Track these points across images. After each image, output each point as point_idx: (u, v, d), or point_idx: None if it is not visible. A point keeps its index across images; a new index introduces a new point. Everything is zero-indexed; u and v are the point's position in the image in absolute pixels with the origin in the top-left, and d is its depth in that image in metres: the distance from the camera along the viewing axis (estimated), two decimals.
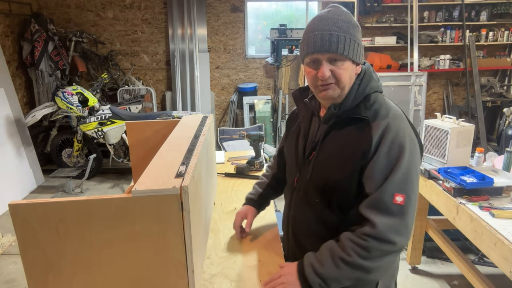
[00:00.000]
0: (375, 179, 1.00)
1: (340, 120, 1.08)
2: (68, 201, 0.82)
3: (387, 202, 0.97)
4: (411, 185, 0.99)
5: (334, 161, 1.07)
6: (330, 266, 1.00)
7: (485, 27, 4.96)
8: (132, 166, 1.67)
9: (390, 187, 0.98)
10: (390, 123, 1.02)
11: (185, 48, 4.97)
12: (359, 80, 1.08)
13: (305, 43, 1.05)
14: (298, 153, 1.20)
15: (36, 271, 0.85)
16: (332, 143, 1.09)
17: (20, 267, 2.68)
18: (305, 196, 1.16)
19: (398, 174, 0.98)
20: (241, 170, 2.00)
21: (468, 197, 1.98)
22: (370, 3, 4.79)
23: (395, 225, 0.97)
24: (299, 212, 1.20)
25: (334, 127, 1.09)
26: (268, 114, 4.98)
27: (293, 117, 1.32)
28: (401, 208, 0.97)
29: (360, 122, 1.04)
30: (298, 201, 1.19)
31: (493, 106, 4.96)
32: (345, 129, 1.07)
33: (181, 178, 0.89)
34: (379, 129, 1.01)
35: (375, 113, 1.04)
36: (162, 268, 0.88)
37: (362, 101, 1.07)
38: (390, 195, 0.97)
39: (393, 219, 0.97)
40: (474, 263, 2.58)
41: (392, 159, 0.99)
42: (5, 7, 4.31)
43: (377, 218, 0.97)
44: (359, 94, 1.07)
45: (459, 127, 2.19)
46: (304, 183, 1.16)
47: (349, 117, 1.06)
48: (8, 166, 3.78)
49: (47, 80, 4.64)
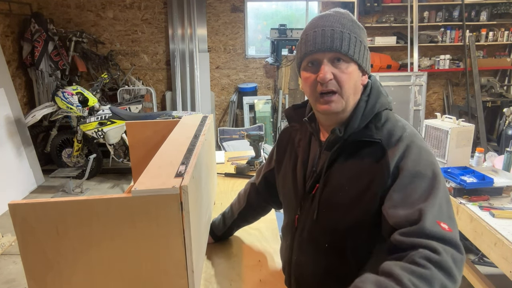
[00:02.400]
0: (406, 205, 0.79)
1: (347, 145, 0.89)
2: (68, 201, 0.82)
3: (437, 229, 0.74)
4: (452, 213, 0.81)
5: (345, 196, 0.88)
6: None
7: (485, 27, 4.96)
8: (132, 166, 1.67)
9: (431, 213, 0.75)
10: (409, 143, 0.85)
11: (185, 48, 4.97)
12: (366, 96, 0.91)
13: (302, 43, 0.89)
14: (298, 186, 1.00)
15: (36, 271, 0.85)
16: (340, 174, 0.90)
17: (20, 267, 2.68)
18: (311, 239, 0.97)
19: (437, 198, 0.78)
20: (241, 170, 2.00)
21: (468, 197, 1.98)
22: (370, 3, 4.80)
23: (454, 255, 0.72)
24: (303, 259, 1.00)
25: (341, 154, 0.91)
26: (268, 114, 4.98)
27: (286, 138, 1.11)
28: (453, 236, 0.74)
29: (372, 146, 0.87)
30: (303, 245, 0.99)
31: (493, 106, 4.96)
32: (355, 155, 0.89)
33: (181, 178, 0.89)
34: (398, 152, 0.84)
35: (388, 134, 0.87)
36: (162, 268, 0.88)
37: (372, 120, 0.89)
38: (433, 222, 0.74)
39: (450, 247, 0.72)
40: (474, 263, 2.58)
41: (426, 180, 0.80)
42: (5, 7, 4.31)
43: (437, 244, 0.71)
44: (368, 112, 0.89)
45: (459, 127, 2.19)
46: (308, 223, 0.96)
47: (359, 141, 0.88)
48: (8, 166, 3.78)
49: (47, 80, 4.64)
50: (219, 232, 1.35)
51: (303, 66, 0.91)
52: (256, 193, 1.26)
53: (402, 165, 0.82)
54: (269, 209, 1.34)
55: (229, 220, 1.33)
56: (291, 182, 1.03)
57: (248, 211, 1.30)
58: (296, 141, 1.05)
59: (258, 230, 1.44)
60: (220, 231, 1.35)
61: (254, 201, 1.28)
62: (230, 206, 1.37)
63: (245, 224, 1.37)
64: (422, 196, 0.79)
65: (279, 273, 1.17)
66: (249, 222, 1.37)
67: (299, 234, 1.00)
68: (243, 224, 1.37)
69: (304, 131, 1.03)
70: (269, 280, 1.14)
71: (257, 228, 1.44)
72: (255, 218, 1.36)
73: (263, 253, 1.28)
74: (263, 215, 1.36)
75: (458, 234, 0.78)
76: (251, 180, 1.32)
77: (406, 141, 0.85)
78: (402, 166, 0.82)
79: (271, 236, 1.39)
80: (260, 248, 1.32)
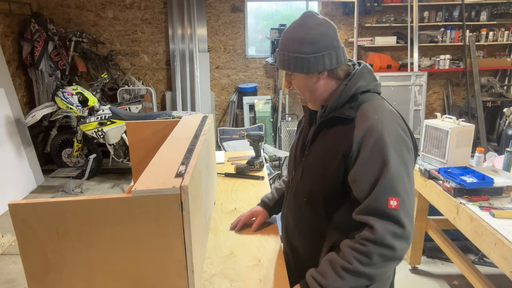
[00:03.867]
0: (363, 184, 0.97)
1: (327, 120, 1.09)
2: (68, 201, 0.82)
3: (382, 208, 0.94)
4: (403, 187, 0.96)
5: (320, 162, 1.09)
6: (332, 277, 0.97)
7: (485, 27, 4.96)
8: (132, 166, 1.67)
9: (382, 192, 0.95)
10: (373, 124, 0.99)
11: (185, 48, 4.97)
12: (346, 81, 1.08)
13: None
14: (296, 155, 1.24)
15: (36, 271, 0.85)
16: (319, 144, 1.11)
17: (20, 267, 2.68)
18: (295, 196, 1.19)
19: (387, 177, 0.95)
20: (241, 170, 2.00)
21: (468, 197, 1.98)
22: (370, 3, 4.79)
23: (394, 230, 0.94)
24: (290, 211, 1.23)
25: (322, 128, 1.11)
26: (268, 114, 4.98)
27: (300, 121, 1.36)
28: (396, 213, 0.94)
29: (345, 123, 1.04)
30: (291, 200, 1.22)
31: (493, 106, 4.96)
32: (332, 129, 1.08)
33: (181, 178, 0.89)
34: (361, 131, 1.00)
35: (362, 113, 1.03)
36: (162, 268, 0.88)
37: (348, 101, 1.07)
38: (384, 200, 0.94)
39: (390, 223, 0.94)
40: (474, 263, 2.58)
41: (378, 163, 0.96)
42: (5, 7, 4.31)
43: (375, 222, 0.94)
44: (344, 94, 1.07)
45: (459, 127, 2.19)
46: (295, 183, 1.19)
47: (335, 117, 1.06)
48: (8, 166, 3.78)
49: (47, 80, 4.64)
50: (271, 202, 1.44)
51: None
52: None
53: (364, 143, 0.98)
54: None
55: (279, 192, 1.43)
56: (294, 152, 1.27)
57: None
58: (303, 120, 1.30)
59: (258, 230, 1.43)
60: (272, 202, 1.44)
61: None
62: (280, 181, 1.49)
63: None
64: (375, 174, 0.96)
65: (279, 273, 1.17)
66: None
67: (290, 191, 1.23)
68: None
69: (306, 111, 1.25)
70: (269, 280, 1.14)
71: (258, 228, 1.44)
72: None
73: (263, 253, 1.28)
74: None
75: (407, 206, 0.96)
76: None
77: (372, 121, 1.00)
78: (363, 144, 0.99)
79: (271, 236, 1.39)
80: (260, 248, 1.32)
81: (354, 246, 0.96)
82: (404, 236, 0.95)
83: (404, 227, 0.95)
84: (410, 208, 0.97)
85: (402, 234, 0.95)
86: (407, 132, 1.05)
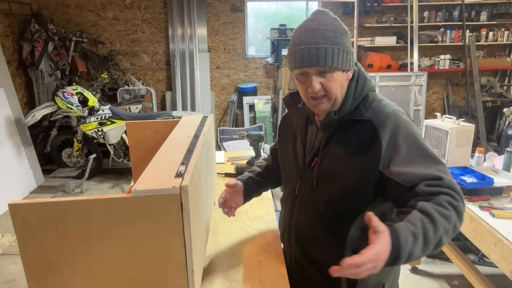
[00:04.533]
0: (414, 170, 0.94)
1: (341, 124, 1.06)
2: (68, 201, 0.82)
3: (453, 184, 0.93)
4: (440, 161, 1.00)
5: (342, 167, 1.04)
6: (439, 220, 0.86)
7: (485, 27, 4.96)
8: (132, 166, 1.67)
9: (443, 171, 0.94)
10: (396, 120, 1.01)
11: (185, 48, 4.97)
12: (355, 82, 1.06)
13: (292, 56, 1.02)
14: (298, 160, 1.17)
15: (36, 271, 0.85)
16: (336, 149, 1.06)
17: (20, 267, 2.68)
18: (311, 204, 1.12)
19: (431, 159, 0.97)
20: (241, 170, 2.00)
21: (468, 197, 1.98)
22: (370, 3, 4.79)
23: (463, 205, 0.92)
24: (303, 221, 1.16)
25: (335, 132, 1.07)
26: (268, 114, 4.98)
27: (286, 121, 1.29)
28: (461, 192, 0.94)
29: (362, 124, 1.02)
30: (303, 209, 1.15)
31: (493, 106, 4.96)
32: (349, 132, 1.04)
33: (181, 178, 0.89)
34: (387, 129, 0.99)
35: (376, 112, 1.03)
36: (162, 268, 0.88)
37: (361, 102, 1.06)
38: (450, 179, 0.93)
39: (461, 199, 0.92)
40: (474, 263, 2.58)
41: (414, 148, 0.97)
42: (5, 7, 4.31)
43: (455, 194, 0.91)
44: (358, 96, 1.05)
45: (459, 127, 2.19)
46: (308, 191, 1.13)
47: (351, 120, 1.04)
48: (8, 166, 3.78)
49: (47, 80, 4.64)
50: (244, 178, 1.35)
51: (295, 74, 1.05)
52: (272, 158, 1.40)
53: (397, 140, 0.97)
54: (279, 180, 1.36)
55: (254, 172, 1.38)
56: (292, 157, 1.19)
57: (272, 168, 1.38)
58: (294, 123, 1.22)
59: (258, 230, 1.43)
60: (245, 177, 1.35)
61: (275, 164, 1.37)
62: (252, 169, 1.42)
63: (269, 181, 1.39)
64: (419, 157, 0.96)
65: (279, 273, 1.17)
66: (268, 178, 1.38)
67: (299, 200, 1.16)
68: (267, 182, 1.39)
69: (300, 114, 1.20)
70: (269, 280, 1.14)
71: (257, 228, 1.44)
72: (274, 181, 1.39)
73: (263, 253, 1.28)
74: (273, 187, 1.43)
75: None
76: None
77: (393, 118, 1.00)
78: (397, 141, 0.97)
79: (271, 236, 1.39)
80: (260, 248, 1.32)
81: (439, 209, 0.87)
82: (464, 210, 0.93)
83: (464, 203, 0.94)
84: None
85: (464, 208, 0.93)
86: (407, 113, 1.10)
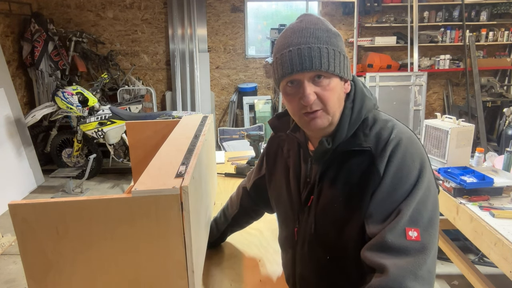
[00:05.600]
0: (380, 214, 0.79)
1: (337, 155, 0.87)
2: (68, 201, 0.82)
3: (398, 242, 0.75)
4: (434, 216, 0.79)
5: (341, 207, 0.86)
6: None
7: (485, 27, 4.96)
8: (132, 166, 1.67)
9: (400, 222, 0.76)
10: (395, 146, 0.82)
11: (185, 48, 4.97)
12: (350, 103, 0.87)
13: (278, 63, 0.83)
14: (293, 198, 0.98)
15: (36, 271, 0.85)
16: (332, 185, 0.88)
17: (20, 267, 2.68)
18: (312, 253, 0.95)
19: (410, 205, 0.77)
20: (241, 170, 2.00)
21: (468, 197, 1.98)
22: (370, 3, 4.80)
23: (419, 261, 0.74)
24: (307, 273, 0.99)
25: (331, 165, 0.88)
26: (268, 114, 4.98)
27: (275, 147, 1.08)
28: (415, 246, 0.74)
29: (362, 154, 0.84)
30: (304, 258, 0.98)
31: (493, 106, 4.96)
32: (346, 164, 0.86)
33: (181, 178, 0.88)
34: (385, 156, 0.81)
35: (377, 138, 0.84)
36: (162, 268, 0.88)
37: (360, 127, 0.86)
38: (401, 231, 0.75)
39: (408, 259, 0.74)
40: (474, 263, 2.58)
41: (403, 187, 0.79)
42: (5, 7, 4.31)
43: (388, 260, 0.74)
44: (355, 120, 0.86)
45: (459, 127, 2.19)
46: (307, 236, 0.95)
47: (348, 150, 0.85)
48: (8, 166, 3.78)
49: (47, 80, 4.64)
50: (212, 238, 1.30)
51: (283, 86, 0.85)
52: (249, 197, 1.24)
53: (386, 169, 0.81)
54: (262, 213, 1.32)
55: (222, 226, 1.31)
56: (286, 195, 1.00)
57: (241, 216, 1.29)
58: (284, 151, 1.02)
59: (258, 230, 1.43)
60: (214, 237, 1.32)
61: (247, 205, 1.26)
62: (221, 211, 1.34)
63: (238, 228, 1.35)
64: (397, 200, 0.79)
65: (279, 273, 1.17)
66: (242, 226, 1.35)
67: (300, 247, 0.98)
68: (236, 229, 1.35)
69: (291, 140, 1.00)
70: (269, 280, 1.14)
71: (257, 228, 1.44)
72: (248, 222, 1.34)
73: (263, 253, 1.28)
74: (256, 219, 1.34)
75: (432, 235, 0.77)
76: (242, 183, 1.30)
77: (392, 144, 0.82)
78: (385, 171, 0.81)
79: (271, 236, 1.39)
80: (260, 248, 1.32)
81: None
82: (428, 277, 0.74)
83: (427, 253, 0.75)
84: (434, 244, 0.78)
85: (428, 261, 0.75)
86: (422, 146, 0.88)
